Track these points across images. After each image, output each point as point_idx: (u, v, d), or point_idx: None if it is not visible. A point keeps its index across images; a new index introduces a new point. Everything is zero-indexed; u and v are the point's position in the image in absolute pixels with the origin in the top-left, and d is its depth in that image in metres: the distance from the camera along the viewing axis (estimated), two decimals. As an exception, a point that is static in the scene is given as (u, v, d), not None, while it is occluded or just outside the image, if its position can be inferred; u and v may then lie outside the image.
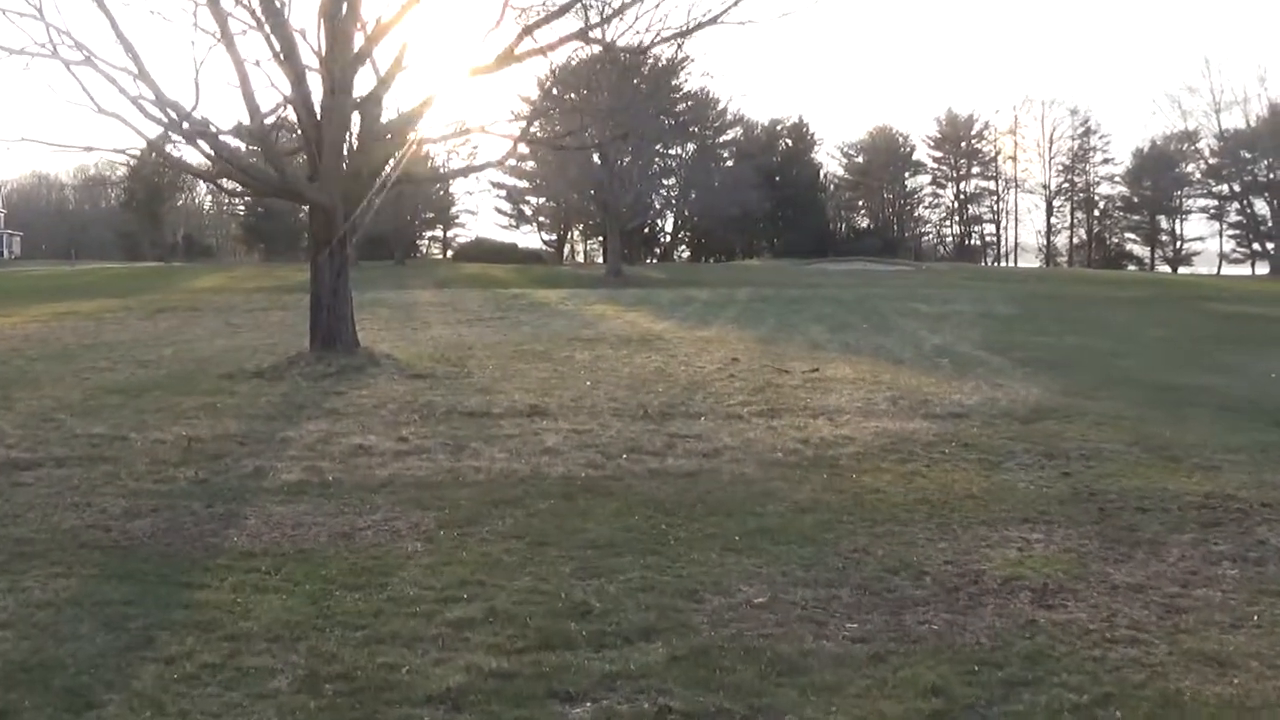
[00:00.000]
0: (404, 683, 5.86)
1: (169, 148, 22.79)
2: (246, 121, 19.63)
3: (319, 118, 20.13)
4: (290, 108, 20.32)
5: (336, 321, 20.34)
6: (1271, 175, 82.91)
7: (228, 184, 23.92)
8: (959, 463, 11.61)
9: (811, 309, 35.09)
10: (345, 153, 21.16)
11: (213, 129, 19.52)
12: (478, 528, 8.97)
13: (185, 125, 18.96)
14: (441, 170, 64.05)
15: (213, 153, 19.86)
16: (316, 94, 20.26)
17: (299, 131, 21.19)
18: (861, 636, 6.59)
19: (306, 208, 22.13)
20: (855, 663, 6.17)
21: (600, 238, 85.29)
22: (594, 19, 23.89)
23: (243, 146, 21.97)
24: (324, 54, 20.02)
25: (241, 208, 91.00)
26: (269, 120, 20.64)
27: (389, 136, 21.24)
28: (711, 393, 16.33)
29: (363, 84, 20.76)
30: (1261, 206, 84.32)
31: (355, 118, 21.03)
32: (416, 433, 13.00)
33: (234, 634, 6.59)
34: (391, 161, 21.39)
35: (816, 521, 9.18)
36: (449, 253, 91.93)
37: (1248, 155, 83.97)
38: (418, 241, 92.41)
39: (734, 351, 22.04)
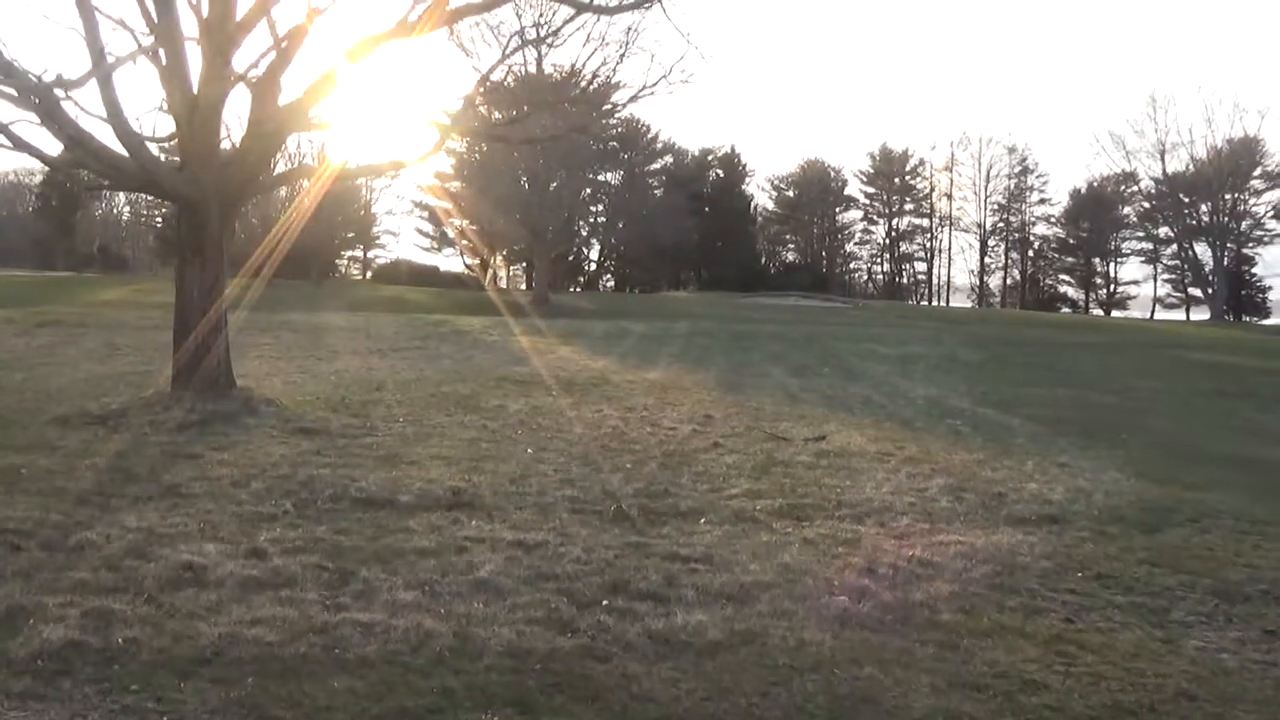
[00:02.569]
0: None
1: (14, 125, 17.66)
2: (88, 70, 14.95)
3: (194, 91, 15.77)
4: (155, 69, 15.82)
5: (205, 353, 15.90)
6: (1213, 219, 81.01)
7: (81, 173, 18.62)
8: (1111, 613, 7.60)
9: (761, 347, 31.98)
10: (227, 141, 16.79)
11: (47, 83, 14.72)
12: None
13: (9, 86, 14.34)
14: (355, 168, 59.29)
15: (57, 126, 15.11)
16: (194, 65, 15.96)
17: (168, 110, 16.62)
18: None
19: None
20: None
21: (524, 264, 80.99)
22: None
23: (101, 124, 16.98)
24: (204, 14, 15.82)
25: (159, 219, 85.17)
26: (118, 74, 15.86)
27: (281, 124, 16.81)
28: (700, 473, 12.00)
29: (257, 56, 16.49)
30: (1203, 251, 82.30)
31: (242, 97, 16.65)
32: (282, 540, 8.46)
33: None
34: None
35: (976, 776, 5.08)
36: (368, 274, 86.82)
37: (1186, 199, 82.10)
38: (336, 261, 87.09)
39: (702, 404, 17.97)
